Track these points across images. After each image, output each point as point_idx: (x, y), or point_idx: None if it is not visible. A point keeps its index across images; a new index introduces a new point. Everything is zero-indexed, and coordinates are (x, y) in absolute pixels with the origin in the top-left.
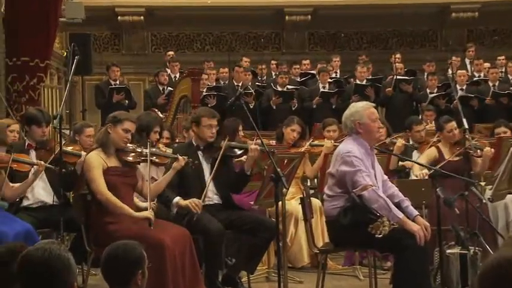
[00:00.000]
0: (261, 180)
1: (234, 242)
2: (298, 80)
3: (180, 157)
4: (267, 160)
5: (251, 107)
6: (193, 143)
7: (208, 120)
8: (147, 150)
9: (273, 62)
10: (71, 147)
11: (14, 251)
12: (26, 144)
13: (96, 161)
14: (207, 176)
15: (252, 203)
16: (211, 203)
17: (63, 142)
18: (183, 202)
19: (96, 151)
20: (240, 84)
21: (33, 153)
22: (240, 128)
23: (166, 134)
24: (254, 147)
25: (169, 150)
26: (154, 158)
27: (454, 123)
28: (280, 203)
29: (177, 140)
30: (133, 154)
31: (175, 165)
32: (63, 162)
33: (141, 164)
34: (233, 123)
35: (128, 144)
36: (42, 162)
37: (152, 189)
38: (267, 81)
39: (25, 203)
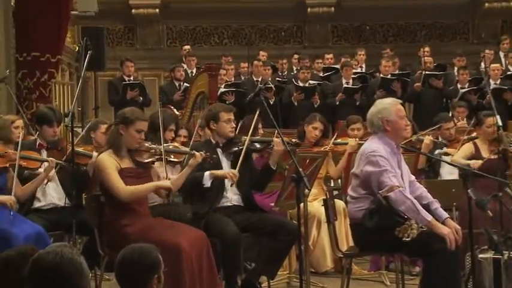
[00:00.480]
0: (282, 181)
1: (254, 245)
2: (321, 75)
3: (196, 153)
4: (288, 160)
5: (271, 103)
6: (212, 140)
7: (227, 114)
8: (161, 147)
9: (295, 56)
10: (82, 148)
11: (25, 254)
12: (37, 143)
13: (109, 161)
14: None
15: (272, 204)
16: (229, 204)
17: (75, 141)
18: (218, 172)
19: (107, 153)
20: (260, 79)
21: (44, 153)
22: (260, 125)
23: (183, 132)
24: (279, 141)
25: (185, 149)
26: (169, 156)
27: (494, 118)
28: (302, 204)
29: (192, 140)
30: (147, 154)
31: (192, 162)
32: (75, 162)
33: (155, 163)
34: (251, 121)
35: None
36: (53, 159)
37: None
38: (288, 77)
39: (36, 204)
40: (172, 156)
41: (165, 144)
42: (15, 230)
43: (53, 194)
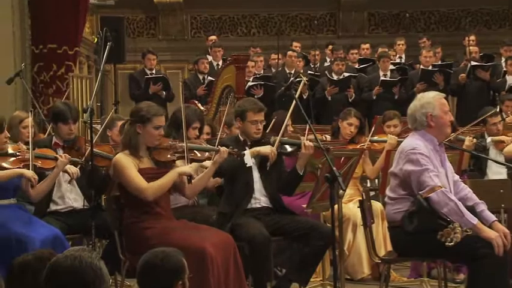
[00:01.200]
0: (315, 181)
1: (285, 250)
2: (356, 67)
3: (221, 148)
4: (321, 158)
5: (304, 97)
6: (240, 138)
7: (254, 115)
8: (183, 144)
9: (328, 47)
10: (100, 149)
11: (42, 258)
12: (53, 142)
13: (127, 161)
14: (256, 175)
15: (304, 206)
16: (258, 205)
17: (93, 138)
18: (259, 148)
19: (123, 153)
20: (293, 71)
21: (60, 153)
22: (289, 122)
23: (206, 129)
24: (308, 144)
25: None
26: (192, 153)
27: None
28: (336, 206)
29: (218, 137)
30: (168, 152)
31: (217, 158)
32: (94, 161)
33: (177, 161)
34: (283, 117)
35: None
36: (67, 155)
37: (193, 187)
38: (321, 69)
39: (53, 207)
40: (195, 154)
41: (188, 142)
42: (31, 233)
43: (70, 196)
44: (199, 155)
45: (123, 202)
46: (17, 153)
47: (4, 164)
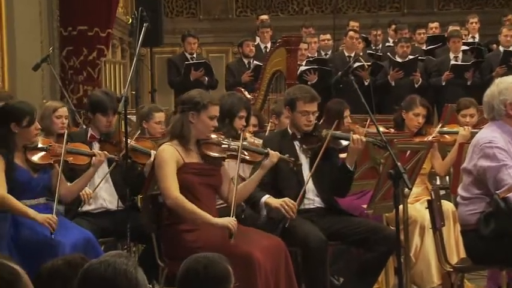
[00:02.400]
0: (376, 178)
1: (342, 256)
2: (424, 48)
3: (271, 152)
4: (383, 152)
5: (366, 83)
6: (289, 130)
7: (305, 104)
8: (239, 144)
9: (391, 26)
10: (140, 143)
11: (73, 264)
12: (89, 135)
13: (170, 155)
14: (306, 172)
15: (364, 206)
16: (311, 206)
17: (129, 130)
18: (274, 201)
19: (171, 143)
20: (352, 55)
21: (96, 147)
22: (347, 113)
23: (253, 120)
24: (357, 138)
25: (258, 141)
26: (246, 154)
27: None
28: (401, 206)
29: (268, 128)
30: (219, 147)
31: (266, 163)
32: (130, 156)
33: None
34: (338, 106)
35: (212, 135)
36: (104, 152)
37: (237, 192)
38: (383, 51)
39: (84, 207)
40: (246, 154)
41: (242, 141)
42: (60, 236)
43: (104, 196)
44: (248, 155)
45: (162, 201)
46: (48, 147)
47: (33, 158)
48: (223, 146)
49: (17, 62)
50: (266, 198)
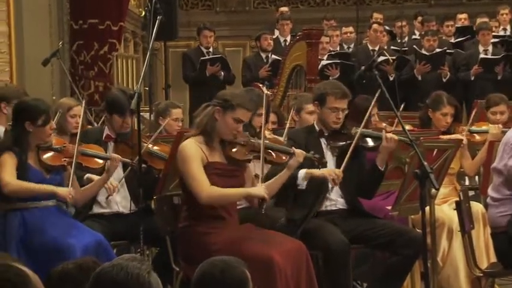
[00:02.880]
0: (401, 178)
1: (366, 260)
2: (452, 41)
3: (296, 151)
4: (409, 151)
5: (390, 79)
6: (315, 127)
7: (335, 101)
8: (260, 142)
9: (418, 18)
10: (157, 147)
11: (85, 267)
12: (105, 134)
13: (195, 152)
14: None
15: (389, 208)
16: (333, 207)
17: (141, 128)
18: (316, 171)
19: (194, 139)
20: (376, 48)
21: (111, 147)
22: (375, 110)
23: (272, 117)
24: (390, 136)
25: (280, 139)
26: (271, 155)
27: None
28: (427, 208)
29: (287, 125)
30: (243, 148)
31: (292, 163)
32: (145, 161)
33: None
34: (367, 103)
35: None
36: (118, 156)
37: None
38: (409, 44)
39: (96, 209)
40: (272, 154)
41: (264, 140)
42: (70, 239)
43: (118, 200)
44: (274, 155)
45: (176, 203)
46: (62, 148)
47: (46, 159)
48: (248, 146)
49: (25, 57)
50: (305, 170)
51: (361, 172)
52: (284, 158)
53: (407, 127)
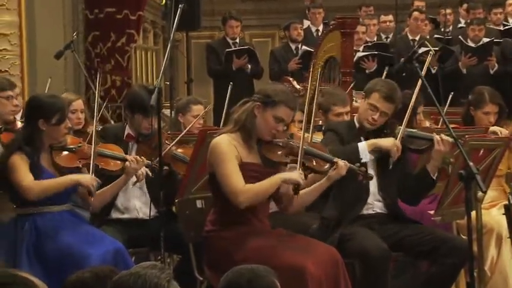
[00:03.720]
0: (445, 180)
1: (406, 269)
2: (501, 29)
3: (339, 162)
4: (453, 150)
5: (433, 71)
6: (355, 123)
7: (378, 100)
8: (303, 147)
9: (463, 5)
10: (181, 150)
11: (102, 276)
12: (126, 133)
13: (230, 149)
14: (372, 173)
15: (431, 213)
16: (371, 212)
17: (162, 126)
18: (382, 142)
19: (229, 136)
20: (417, 38)
21: (133, 148)
22: (421, 109)
23: (298, 115)
24: (445, 139)
25: (318, 138)
26: (308, 161)
27: None
28: (473, 212)
29: (311, 125)
30: (281, 150)
31: (332, 175)
32: (168, 163)
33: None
34: (404, 99)
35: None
36: (142, 159)
37: (299, 200)
38: (453, 34)
39: (114, 215)
40: (312, 160)
41: (303, 143)
42: (87, 247)
43: (137, 205)
44: (314, 162)
45: (200, 206)
46: (77, 147)
47: (60, 160)
48: (286, 149)
49: (37, 50)
50: (367, 142)
51: (404, 176)
52: (325, 166)
53: (451, 125)
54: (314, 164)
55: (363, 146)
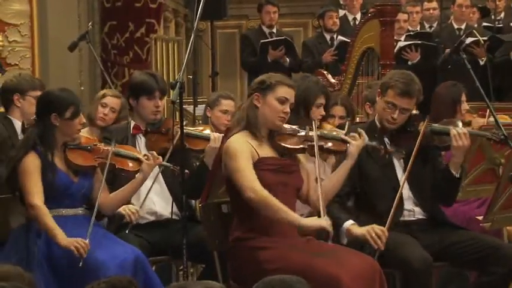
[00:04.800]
0: (495, 182)
1: (451, 280)
2: None
3: (350, 136)
4: (503, 149)
5: (481, 63)
6: (377, 123)
7: (395, 96)
8: (313, 133)
9: None
10: (194, 128)
11: (118, 287)
12: (131, 127)
13: (245, 147)
14: (401, 176)
15: (479, 218)
16: (412, 218)
17: (185, 123)
18: (357, 230)
19: (241, 134)
20: (463, 27)
21: (141, 141)
22: (464, 97)
23: (339, 110)
24: (458, 133)
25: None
26: (329, 144)
27: None
28: None
29: (357, 120)
30: (296, 138)
31: (352, 150)
32: (186, 155)
33: (303, 157)
34: (452, 92)
35: (286, 125)
36: (158, 158)
37: (325, 187)
38: (504, 21)
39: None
40: (329, 144)
41: (316, 130)
42: (103, 255)
43: (154, 199)
44: (331, 144)
45: (225, 211)
46: (92, 146)
47: (74, 159)
48: (299, 135)
49: (50, 41)
50: (349, 224)
51: (435, 175)
52: (343, 147)
53: (501, 120)
54: (331, 145)
55: (343, 230)
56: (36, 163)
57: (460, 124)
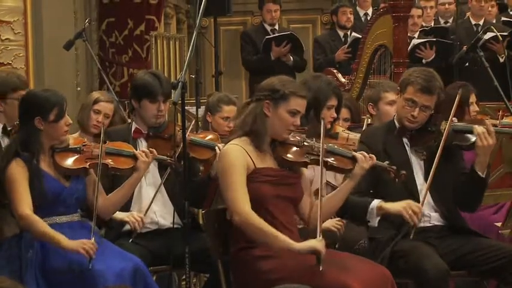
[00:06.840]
0: None
1: None
2: None
3: (358, 156)
4: None
5: (501, 60)
6: (396, 123)
7: (414, 93)
8: (319, 145)
9: None
10: (201, 135)
11: None
12: (133, 130)
13: (238, 158)
14: (420, 180)
15: (498, 225)
16: (428, 224)
17: (187, 125)
18: (392, 205)
19: (240, 141)
20: (481, 22)
21: (142, 146)
22: (473, 98)
23: (343, 112)
24: (483, 131)
25: (354, 135)
26: (332, 160)
27: None
28: None
29: (366, 122)
30: (297, 149)
31: (356, 172)
32: (190, 159)
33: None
34: (461, 92)
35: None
36: (153, 152)
37: (324, 207)
38: None
39: (129, 226)
40: (333, 160)
41: (323, 140)
42: (100, 265)
43: (155, 208)
44: (335, 161)
45: (230, 219)
46: (81, 147)
47: (64, 162)
48: (304, 147)
49: (44, 39)
50: (378, 202)
51: (457, 178)
52: (349, 165)
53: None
54: (335, 163)
55: (373, 208)
56: (22, 171)
57: (488, 123)
